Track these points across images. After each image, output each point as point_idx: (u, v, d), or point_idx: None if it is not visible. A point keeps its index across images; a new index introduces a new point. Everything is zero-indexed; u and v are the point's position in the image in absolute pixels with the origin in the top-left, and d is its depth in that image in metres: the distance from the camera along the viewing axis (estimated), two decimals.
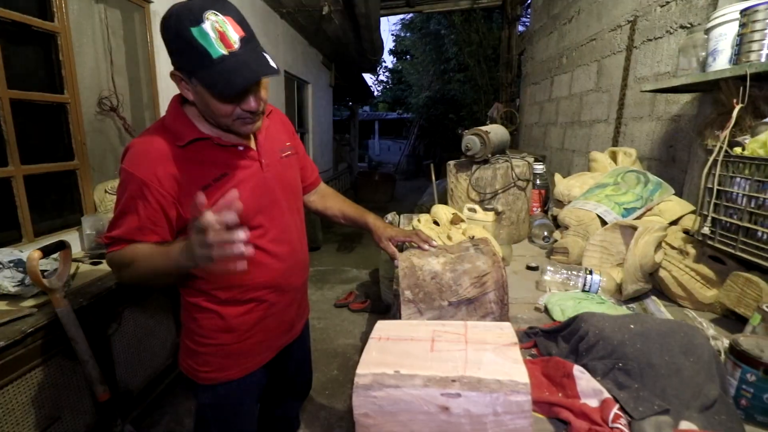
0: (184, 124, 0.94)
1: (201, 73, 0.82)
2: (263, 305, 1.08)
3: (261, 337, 1.10)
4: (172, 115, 0.96)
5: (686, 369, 0.79)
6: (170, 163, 0.90)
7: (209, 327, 1.04)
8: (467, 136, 1.73)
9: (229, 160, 0.98)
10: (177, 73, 0.88)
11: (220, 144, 0.96)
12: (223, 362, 1.07)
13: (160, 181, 0.88)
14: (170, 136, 0.92)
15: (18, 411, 1.22)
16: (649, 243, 1.20)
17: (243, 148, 1.01)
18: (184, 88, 0.90)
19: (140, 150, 0.91)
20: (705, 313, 1.17)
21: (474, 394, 0.55)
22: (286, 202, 1.10)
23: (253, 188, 1.00)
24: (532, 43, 4.31)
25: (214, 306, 1.03)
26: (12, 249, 1.56)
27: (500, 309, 0.93)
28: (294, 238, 1.14)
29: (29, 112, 1.81)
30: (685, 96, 1.88)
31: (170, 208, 0.91)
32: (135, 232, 0.90)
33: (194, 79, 0.85)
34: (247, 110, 0.90)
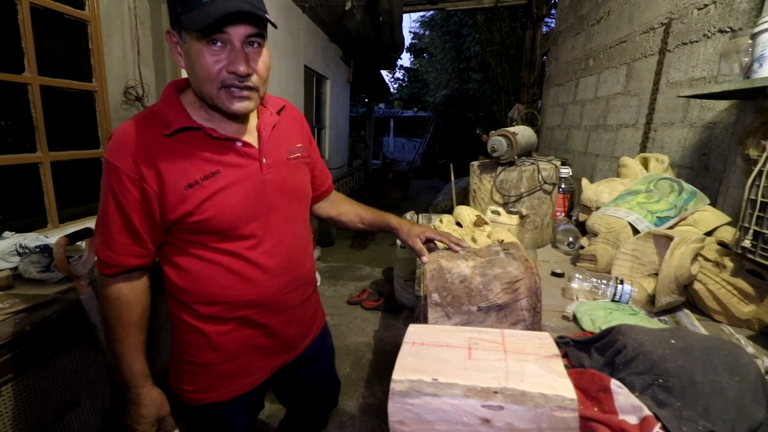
0: (175, 111, 0.84)
1: (186, 15, 0.73)
2: (251, 324, 0.96)
3: (250, 358, 0.99)
4: (164, 100, 0.86)
5: (731, 389, 0.75)
6: (152, 153, 0.80)
7: (193, 344, 0.95)
8: (494, 137, 1.70)
9: (224, 157, 0.86)
10: (171, 30, 0.81)
11: (214, 136, 0.85)
12: (208, 383, 0.96)
13: (139, 171, 0.79)
14: (157, 124, 0.83)
15: (40, 396, 1.23)
16: (686, 254, 1.15)
17: (241, 143, 0.89)
18: (177, 53, 0.82)
19: (120, 138, 0.81)
20: (741, 330, 1.13)
21: (517, 408, 0.53)
22: (287, 209, 0.98)
23: (247, 191, 0.89)
24: (557, 43, 4.23)
25: (196, 322, 0.93)
26: (37, 234, 1.58)
27: (532, 317, 0.90)
28: (293, 250, 1.01)
29: (58, 100, 1.83)
30: (722, 103, 1.81)
31: (153, 204, 0.82)
32: (122, 249, 0.85)
33: (183, 32, 0.77)
34: (233, 73, 0.78)
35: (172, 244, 0.90)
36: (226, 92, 0.80)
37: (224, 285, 0.90)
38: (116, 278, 0.87)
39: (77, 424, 1.37)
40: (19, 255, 1.45)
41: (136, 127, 0.82)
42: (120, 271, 0.86)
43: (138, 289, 0.90)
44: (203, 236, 0.87)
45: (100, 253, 0.86)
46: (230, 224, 0.87)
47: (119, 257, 0.85)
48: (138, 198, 0.81)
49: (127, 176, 0.79)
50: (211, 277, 0.90)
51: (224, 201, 0.85)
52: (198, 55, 0.77)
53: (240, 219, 0.88)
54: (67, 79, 1.83)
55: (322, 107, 6.46)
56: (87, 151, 1.97)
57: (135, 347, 0.90)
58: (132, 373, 0.90)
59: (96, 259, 0.88)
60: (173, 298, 0.95)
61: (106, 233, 0.84)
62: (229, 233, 0.88)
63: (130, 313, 0.89)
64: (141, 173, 0.80)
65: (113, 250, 0.84)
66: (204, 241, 0.88)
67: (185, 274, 0.90)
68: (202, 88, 0.81)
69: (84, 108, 1.97)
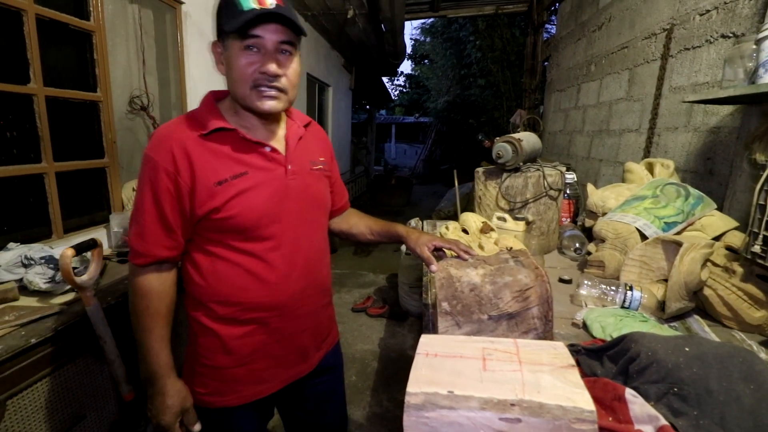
0: (213, 115, 0.92)
1: (228, 22, 0.84)
2: (265, 329, 0.98)
3: (263, 365, 1.00)
4: (203, 105, 0.95)
5: (746, 397, 0.74)
6: (189, 150, 0.87)
7: (207, 346, 0.97)
8: (499, 143, 1.70)
9: (253, 160, 0.93)
10: (216, 43, 0.91)
11: (246, 139, 0.92)
12: (220, 386, 0.98)
13: (176, 165, 0.86)
14: (195, 125, 0.91)
15: (45, 409, 1.22)
16: (696, 260, 1.15)
17: (270, 149, 0.95)
18: (219, 62, 0.92)
19: (161, 135, 0.90)
20: (753, 336, 1.12)
21: (535, 420, 0.52)
22: (307, 215, 1.02)
23: (271, 194, 0.94)
24: (558, 49, 4.25)
25: (211, 324, 0.96)
26: (42, 245, 1.58)
27: (544, 325, 0.90)
28: (311, 256, 1.03)
29: (63, 110, 1.84)
30: (726, 107, 1.81)
31: (184, 198, 0.88)
32: (154, 240, 0.89)
33: (226, 37, 0.87)
34: (264, 73, 0.86)
35: (195, 242, 0.95)
36: (256, 92, 0.88)
37: (241, 285, 0.94)
38: (147, 269, 0.91)
39: None
40: (24, 266, 1.44)
41: (175, 127, 0.90)
42: (151, 261, 0.90)
43: (167, 281, 0.94)
44: (226, 235, 0.92)
45: (134, 243, 0.90)
46: (253, 223, 0.91)
47: (152, 248, 0.89)
48: (172, 191, 0.87)
49: (164, 170, 0.86)
50: (229, 276, 0.93)
51: (249, 200, 0.90)
52: (235, 58, 0.86)
53: (262, 219, 0.92)
54: (72, 90, 1.84)
55: (325, 114, 6.49)
56: (92, 161, 1.97)
57: (162, 338, 0.92)
58: (158, 363, 0.91)
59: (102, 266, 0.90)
60: (191, 297, 0.98)
61: (141, 224, 0.89)
62: (251, 232, 0.92)
63: (159, 304, 0.92)
64: (177, 168, 0.86)
65: (146, 241, 0.89)
66: (226, 239, 0.92)
67: (205, 272, 0.94)
68: (237, 90, 0.89)
69: (89, 118, 1.97)
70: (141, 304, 0.91)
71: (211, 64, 2.85)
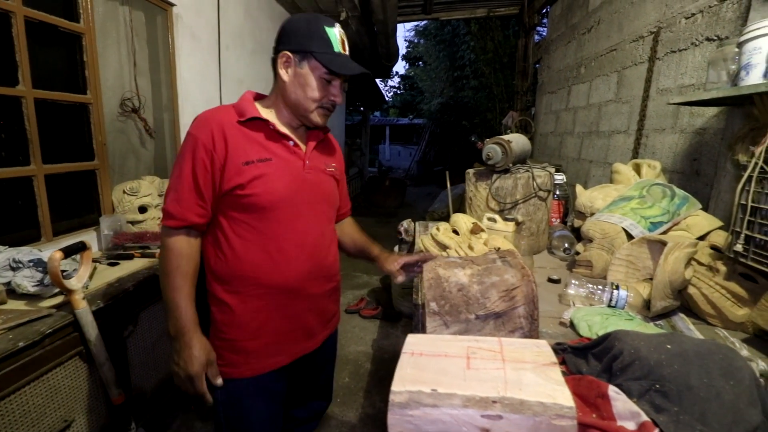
0: (250, 107, 1.06)
1: (323, 55, 1.02)
2: (274, 305, 1.09)
3: (272, 339, 1.11)
4: (243, 100, 1.09)
5: (726, 392, 0.76)
6: (226, 131, 1.00)
7: (222, 320, 1.09)
8: (489, 145, 1.72)
9: (277, 149, 1.07)
10: (289, 53, 1.03)
11: (275, 130, 1.06)
12: (233, 357, 1.09)
13: (213, 142, 0.99)
14: (234, 112, 1.05)
15: (34, 413, 1.21)
16: (680, 259, 1.17)
17: (293, 143, 1.10)
18: (285, 67, 1.05)
19: (204, 117, 1.03)
20: (736, 333, 1.14)
21: (516, 417, 0.53)
22: (318, 207, 1.15)
23: (290, 182, 1.06)
24: (549, 52, 4.29)
25: (227, 297, 1.07)
26: (31, 248, 1.57)
27: (530, 324, 0.91)
28: (319, 242, 1.15)
29: (52, 112, 1.83)
30: (711, 109, 1.85)
31: (217, 171, 1.00)
32: (189, 206, 1.00)
33: (311, 60, 1.02)
34: (333, 101, 1.07)
35: (217, 221, 1.06)
36: (321, 111, 1.08)
37: (255, 262, 1.05)
38: (179, 231, 1.02)
39: None
40: (13, 269, 1.43)
41: (217, 112, 1.05)
42: (184, 225, 1.01)
43: (194, 246, 1.05)
44: (246, 214, 1.04)
45: (171, 207, 1.00)
46: (271, 204, 1.04)
47: (186, 212, 1.00)
48: (207, 165, 0.99)
49: (204, 146, 0.99)
50: (245, 253, 1.05)
51: (271, 183, 1.03)
52: (316, 81, 1.04)
53: (279, 201, 1.05)
54: (61, 92, 1.83)
55: None
56: (81, 164, 1.96)
57: (189, 296, 1.01)
58: (186, 319, 0.99)
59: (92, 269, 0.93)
60: (210, 273, 1.09)
61: (178, 191, 1.00)
62: (268, 213, 1.04)
63: (189, 265, 1.02)
64: (214, 145, 0.99)
65: (182, 205, 1.00)
66: (245, 218, 1.04)
67: (224, 248, 1.06)
68: (304, 103, 1.06)
69: (78, 120, 1.96)
70: (173, 263, 1.00)
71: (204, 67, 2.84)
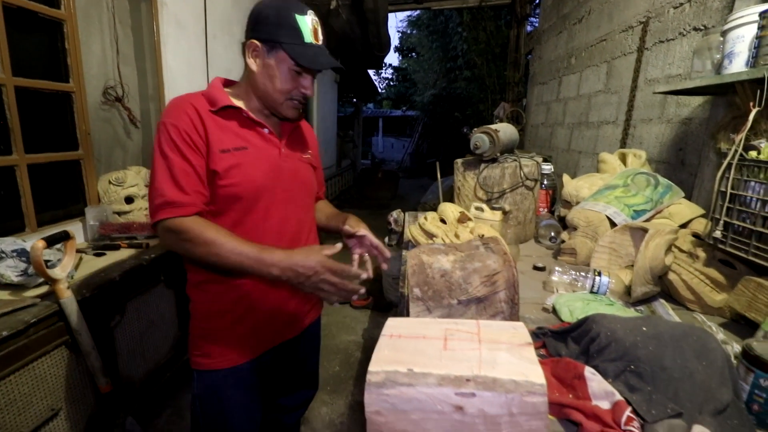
0: (221, 95, 1.01)
1: (292, 46, 0.96)
2: (255, 293, 1.07)
3: (252, 327, 1.09)
4: (212, 88, 1.04)
5: (699, 373, 0.78)
6: (202, 117, 0.97)
7: (202, 310, 1.07)
8: (476, 134, 1.72)
9: (252, 138, 1.04)
10: (257, 42, 0.98)
11: (249, 118, 1.03)
12: (210, 348, 1.07)
13: (194, 127, 0.95)
14: (205, 100, 1.00)
15: (20, 402, 1.21)
16: (660, 246, 1.19)
17: (268, 131, 1.06)
18: (254, 57, 1.00)
19: (176, 104, 0.98)
20: (714, 318, 1.16)
21: (489, 394, 0.54)
22: (296, 195, 1.12)
23: (267, 171, 1.04)
24: (541, 42, 4.29)
25: (208, 287, 1.05)
26: (15, 238, 1.55)
27: (510, 308, 0.92)
28: (298, 230, 1.14)
29: (34, 101, 1.79)
30: (696, 99, 1.86)
31: (204, 156, 0.96)
32: (195, 190, 0.94)
33: (279, 51, 0.97)
34: (303, 93, 1.03)
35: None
36: (290, 103, 1.04)
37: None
38: (193, 217, 0.93)
39: (61, 429, 1.35)
40: None
41: (189, 98, 0.99)
42: (195, 211, 0.93)
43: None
44: (225, 205, 1.00)
45: (175, 196, 0.91)
46: (250, 193, 1.01)
47: (195, 197, 0.94)
48: (195, 148, 0.95)
49: (185, 131, 0.94)
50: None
51: (249, 172, 1.00)
52: (284, 74, 0.99)
53: (258, 190, 1.02)
54: (43, 80, 1.80)
55: (309, 107, 6.44)
56: (65, 153, 1.93)
57: (245, 242, 0.91)
58: (264, 253, 0.89)
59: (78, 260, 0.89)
60: (190, 263, 1.06)
61: (178, 180, 0.92)
62: (248, 202, 1.01)
63: (219, 231, 0.91)
64: (195, 129, 0.95)
65: (187, 191, 0.93)
66: (224, 210, 1.00)
67: None
68: (273, 96, 1.02)
69: (61, 109, 1.93)
70: (209, 234, 0.89)
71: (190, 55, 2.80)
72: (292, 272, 0.87)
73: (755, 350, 0.77)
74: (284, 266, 0.87)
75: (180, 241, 0.91)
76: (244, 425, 1.15)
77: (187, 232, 0.90)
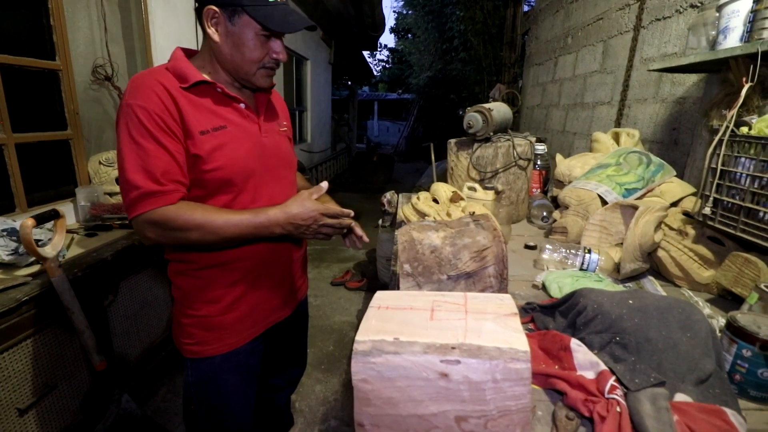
0: (190, 69, 0.91)
1: (256, 9, 0.87)
2: (248, 277, 1.04)
3: (245, 311, 1.06)
4: (177, 60, 0.93)
5: (683, 344, 0.79)
6: (174, 96, 0.87)
7: (192, 298, 1.02)
8: (470, 113, 1.71)
9: (230, 115, 0.96)
10: (214, 8, 0.88)
11: (224, 93, 0.95)
12: (205, 335, 1.03)
13: (165, 107, 0.85)
14: (173, 77, 0.89)
15: (14, 378, 1.22)
16: (650, 223, 1.19)
17: (244, 105, 0.99)
18: (215, 26, 0.90)
19: (140, 82, 0.87)
20: (701, 294, 1.18)
21: (473, 361, 0.55)
22: (280, 172, 1.07)
23: (250, 148, 0.98)
24: (537, 22, 4.22)
25: (198, 273, 1.00)
26: (5, 218, 1.54)
27: (499, 283, 0.93)
28: None
29: (20, 79, 1.75)
30: (691, 77, 1.85)
31: (181, 138, 0.87)
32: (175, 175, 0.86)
33: (242, 15, 0.88)
34: (276, 59, 0.96)
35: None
36: (264, 72, 0.96)
37: None
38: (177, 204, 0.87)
39: (56, 405, 1.36)
40: None
41: (154, 77, 0.88)
42: (178, 197, 0.87)
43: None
44: (210, 190, 0.93)
45: (147, 185, 0.83)
46: (236, 175, 0.95)
47: (173, 185, 0.86)
48: (170, 132, 0.86)
49: (157, 114, 0.84)
50: None
51: (232, 153, 0.94)
52: (252, 41, 0.91)
53: (245, 171, 0.96)
54: (28, 57, 1.76)
55: (303, 89, 6.35)
56: (54, 133, 1.90)
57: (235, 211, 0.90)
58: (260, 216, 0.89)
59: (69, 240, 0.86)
60: (176, 253, 1.00)
61: (152, 170, 0.83)
62: (234, 185, 0.95)
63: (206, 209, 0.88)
64: (168, 111, 0.86)
65: (165, 182, 0.85)
66: (209, 196, 0.94)
67: None
68: (243, 66, 0.93)
69: (48, 88, 1.89)
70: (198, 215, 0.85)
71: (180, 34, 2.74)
72: (292, 225, 0.89)
73: (739, 322, 0.79)
74: (284, 222, 0.89)
75: (168, 231, 0.85)
76: (241, 408, 1.14)
77: (174, 220, 0.84)
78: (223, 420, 1.12)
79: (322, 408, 1.98)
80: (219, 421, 1.12)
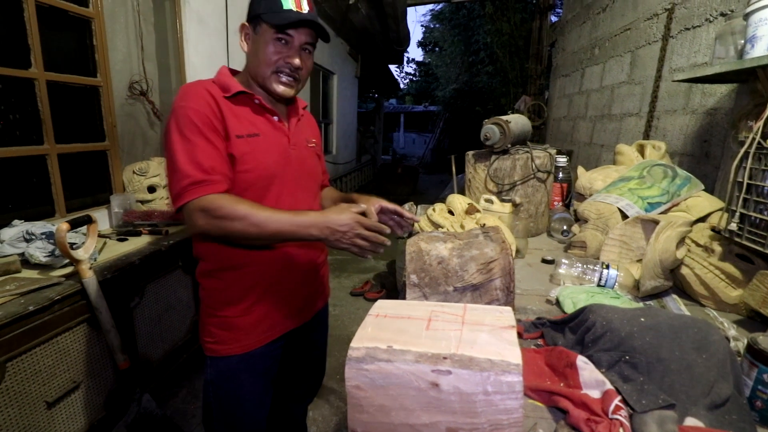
0: (232, 81, 1.03)
1: (268, 15, 0.97)
2: (266, 282, 1.09)
3: (262, 314, 1.10)
4: (222, 75, 1.05)
5: (698, 365, 0.76)
6: (218, 102, 0.98)
7: (215, 299, 1.08)
8: (487, 125, 1.70)
9: (264, 125, 1.05)
10: (246, 23, 1.03)
11: (261, 104, 1.05)
12: (224, 335, 1.08)
13: (212, 110, 0.95)
14: (218, 87, 1.01)
15: (44, 373, 1.30)
16: (671, 238, 1.15)
17: (278, 118, 1.09)
18: (246, 40, 1.04)
19: (190, 88, 0.98)
20: (728, 315, 1.12)
21: (464, 372, 0.55)
22: (304, 183, 1.14)
23: (278, 156, 1.06)
24: (564, 33, 4.17)
25: (220, 274, 1.06)
26: (45, 222, 1.65)
27: (506, 296, 0.92)
28: None
29: (64, 94, 1.89)
30: (722, 87, 1.78)
31: (223, 134, 0.96)
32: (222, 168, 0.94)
33: (261, 24, 0.98)
34: (289, 63, 1.01)
35: None
36: (276, 76, 1.03)
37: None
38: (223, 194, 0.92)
39: (81, 401, 1.43)
40: (26, 241, 1.51)
41: (202, 86, 1.00)
42: (225, 188, 0.93)
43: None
44: (240, 191, 0.99)
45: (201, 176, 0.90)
46: (264, 179, 1.03)
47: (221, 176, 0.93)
48: (217, 131, 0.96)
49: (206, 115, 0.94)
50: None
51: (263, 158, 1.02)
52: (266, 45, 0.99)
53: (270, 176, 1.04)
54: (72, 75, 1.90)
55: (330, 102, 6.49)
56: (93, 144, 2.04)
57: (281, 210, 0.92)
58: (299, 217, 0.90)
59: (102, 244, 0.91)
60: (201, 252, 1.08)
61: (202, 162, 0.91)
62: (260, 189, 1.03)
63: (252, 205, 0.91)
64: (213, 112, 0.96)
65: (214, 172, 0.92)
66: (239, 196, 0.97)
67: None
68: (259, 70, 1.02)
69: (89, 102, 2.03)
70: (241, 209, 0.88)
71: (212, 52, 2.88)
72: (329, 230, 0.89)
73: (760, 344, 0.74)
74: (321, 226, 0.89)
75: (214, 218, 0.89)
76: (254, 410, 1.17)
77: (221, 208, 0.88)
78: (236, 420, 1.15)
79: (335, 418, 1.98)
80: (232, 421, 1.15)
